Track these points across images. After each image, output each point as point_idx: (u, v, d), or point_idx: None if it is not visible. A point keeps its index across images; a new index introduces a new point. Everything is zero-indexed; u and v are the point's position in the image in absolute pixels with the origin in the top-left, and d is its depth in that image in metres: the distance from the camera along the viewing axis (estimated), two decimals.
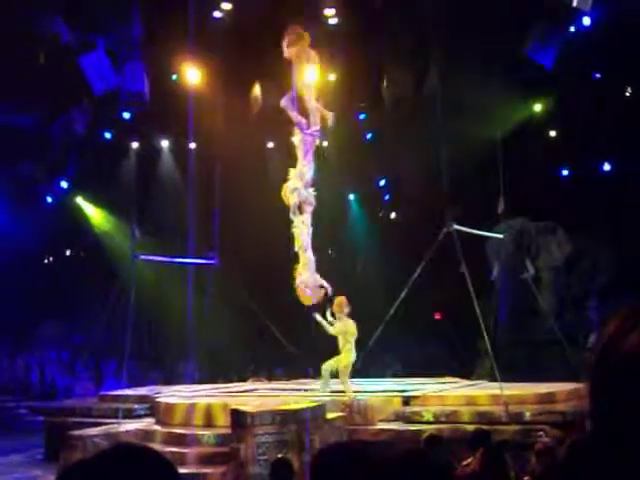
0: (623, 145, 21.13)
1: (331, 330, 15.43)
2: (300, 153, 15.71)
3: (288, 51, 15.84)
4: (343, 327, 15.45)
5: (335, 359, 15.45)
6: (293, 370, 21.19)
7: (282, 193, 15.76)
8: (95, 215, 25.45)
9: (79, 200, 25.31)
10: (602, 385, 2.15)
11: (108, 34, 19.37)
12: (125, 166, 23.64)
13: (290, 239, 16.01)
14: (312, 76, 15.98)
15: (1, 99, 20.63)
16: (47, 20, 18.79)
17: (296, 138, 15.74)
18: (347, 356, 15.43)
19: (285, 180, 15.73)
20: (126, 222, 22.00)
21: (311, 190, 15.75)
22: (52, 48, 19.24)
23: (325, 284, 15.79)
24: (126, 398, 16.63)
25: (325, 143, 22.88)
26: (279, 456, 10.26)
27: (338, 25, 19.54)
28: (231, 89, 19.99)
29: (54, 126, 22.33)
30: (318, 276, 15.85)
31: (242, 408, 12.53)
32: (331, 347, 15.52)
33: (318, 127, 15.71)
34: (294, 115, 15.68)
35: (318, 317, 15.58)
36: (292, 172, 15.65)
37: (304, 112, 15.92)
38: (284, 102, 15.72)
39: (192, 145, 24.48)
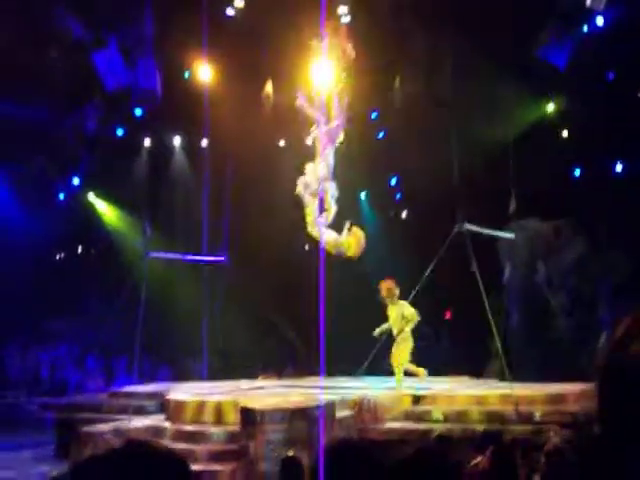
0: (636, 146, 21.07)
1: (388, 325, 15.46)
2: (319, 148, 15.43)
3: (319, 43, 15.46)
4: (399, 312, 15.42)
5: (395, 350, 15.41)
6: (303, 368, 21.18)
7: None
8: (107, 212, 25.49)
9: (91, 197, 25.36)
10: (609, 387, 2.15)
11: (120, 30, 19.40)
12: (137, 163, 23.68)
13: (303, 236, 15.97)
14: (345, 71, 15.69)
15: (15, 95, 20.68)
16: (60, 16, 18.82)
17: (313, 135, 15.47)
18: (405, 345, 15.39)
19: (301, 174, 15.59)
20: (138, 219, 22.04)
21: (332, 184, 15.46)
22: (64, 44, 19.29)
23: (346, 225, 15.59)
24: (136, 395, 16.68)
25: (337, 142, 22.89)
26: (289, 454, 10.28)
27: (351, 23, 19.53)
28: (244, 87, 20.01)
29: (66, 122, 22.39)
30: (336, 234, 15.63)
31: (252, 405, 12.55)
32: (342, 345, 15.49)
33: (338, 122, 15.45)
34: (312, 112, 15.43)
35: (377, 331, 15.63)
36: (308, 167, 15.44)
37: (323, 107, 15.63)
38: (300, 101, 15.45)
39: (204, 143, 24.53)
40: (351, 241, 15.38)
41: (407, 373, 15.84)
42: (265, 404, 12.95)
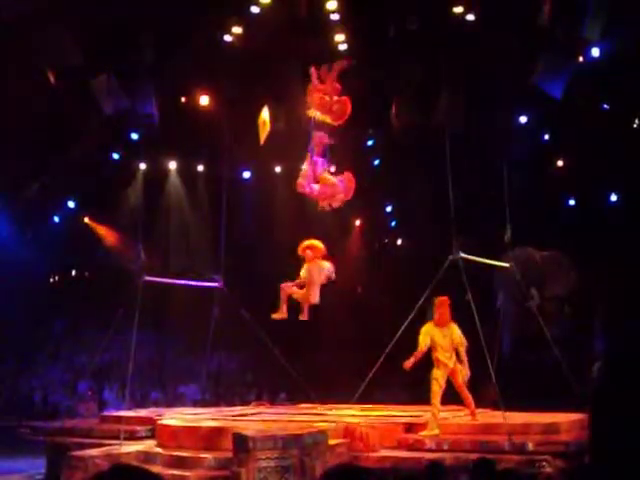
0: (630, 176, 21.15)
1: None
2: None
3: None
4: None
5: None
6: (296, 395, 21.12)
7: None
8: (101, 235, 25.47)
9: (86, 220, 25.35)
10: (601, 418, 2.15)
11: (118, 55, 19.45)
12: (133, 187, 23.70)
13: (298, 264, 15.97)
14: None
15: (11, 118, 20.67)
16: (58, 41, 18.85)
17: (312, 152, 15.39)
18: (435, 374, 14.52)
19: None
20: (132, 243, 22.00)
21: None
22: (62, 68, 19.30)
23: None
24: (128, 419, 16.60)
25: (333, 169, 22.92)
26: None
27: (348, 51, 19.60)
28: (240, 112, 20.03)
29: (62, 146, 22.38)
30: None
31: (244, 432, 12.50)
32: (338, 372, 15.43)
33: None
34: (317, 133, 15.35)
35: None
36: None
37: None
38: (314, 113, 15.31)
39: (200, 167, 24.64)
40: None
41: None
42: (258, 430, 12.91)
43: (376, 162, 24.77)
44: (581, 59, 18.82)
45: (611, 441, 2.11)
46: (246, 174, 25.21)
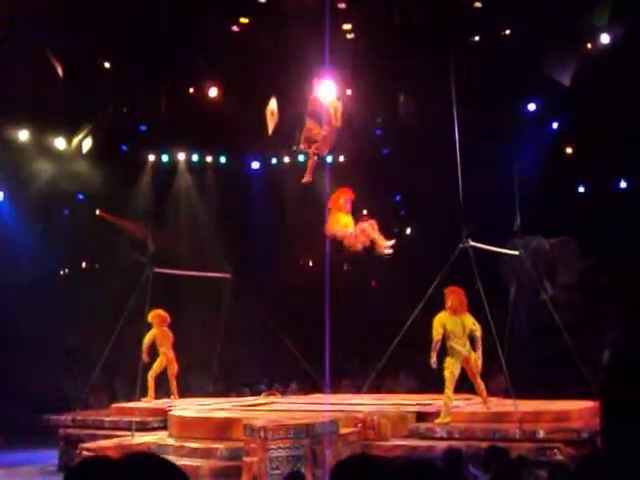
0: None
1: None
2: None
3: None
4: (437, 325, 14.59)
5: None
6: (307, 385, 21.14)
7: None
8: (110, 228, 25.45)
9: (97, 212, 25.34)
10: (613, 403, 2.15)
11: (125, 47, 19.45)
12: (141, 179, 23.70)
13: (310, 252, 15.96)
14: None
15: (20, 113, 20.71)
16: (67, 34, 18.88)
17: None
18: (448, 362, 14.49)
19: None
20: (142, 235, 22.03)
21: None
22: (69, 61, 19.33)
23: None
24: (139, 411, 16.65)
25: (342, 158, 22.95)
26: (293, 470, 10.26)
27: (355, 40, 19.57)
28: (248, 103, 20.03)
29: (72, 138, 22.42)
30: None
31: (255, 422, 12.52)
32: (349, 361, 15.39)
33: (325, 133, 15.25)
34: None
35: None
36: None
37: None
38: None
39: (209, 159, 24.66)
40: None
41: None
42: (269, 420, 12.93)
43: (385, 151, 24.74)
44: (590, 46, 18.76)
45: (623, 428, 2.11)
46: (255, 164, 25.21)
